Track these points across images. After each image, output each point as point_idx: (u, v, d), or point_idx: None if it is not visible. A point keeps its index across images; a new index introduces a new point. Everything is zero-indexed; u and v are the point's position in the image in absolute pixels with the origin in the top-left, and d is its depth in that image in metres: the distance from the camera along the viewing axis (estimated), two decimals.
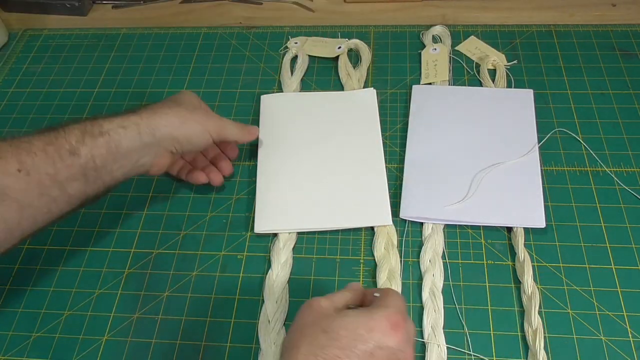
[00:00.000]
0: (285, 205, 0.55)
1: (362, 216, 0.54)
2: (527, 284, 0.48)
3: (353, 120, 0.61)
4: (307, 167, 0.58)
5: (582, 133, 0.59)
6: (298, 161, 0.58)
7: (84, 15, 0.79)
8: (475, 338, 0.46)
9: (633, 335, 0.45)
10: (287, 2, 0.77)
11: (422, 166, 0.57)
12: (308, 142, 0.60)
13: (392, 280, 0.49)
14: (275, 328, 0.47)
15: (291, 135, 0.60)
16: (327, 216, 0.54)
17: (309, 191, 0.56)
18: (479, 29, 0.71)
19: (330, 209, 0.54)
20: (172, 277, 0.52)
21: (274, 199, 0.55)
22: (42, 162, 0.42)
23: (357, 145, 0.59)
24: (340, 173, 0.57)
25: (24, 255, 0.55)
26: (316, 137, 0.60)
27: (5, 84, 0.71)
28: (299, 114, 0.62)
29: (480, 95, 0.62)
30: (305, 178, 0.57)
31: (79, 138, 0.44)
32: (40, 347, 0.48)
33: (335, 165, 0.58)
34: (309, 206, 0.55)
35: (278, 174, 0.57)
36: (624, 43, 0.67)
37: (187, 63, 0.71)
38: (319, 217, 0.54)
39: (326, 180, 0.56)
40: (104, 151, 0.44)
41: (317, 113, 0.62)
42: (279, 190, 0.56)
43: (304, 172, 0.57)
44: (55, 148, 0.43)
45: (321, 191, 0.56)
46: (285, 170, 0.58)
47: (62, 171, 0.42)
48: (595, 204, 0.54)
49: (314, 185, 0.56)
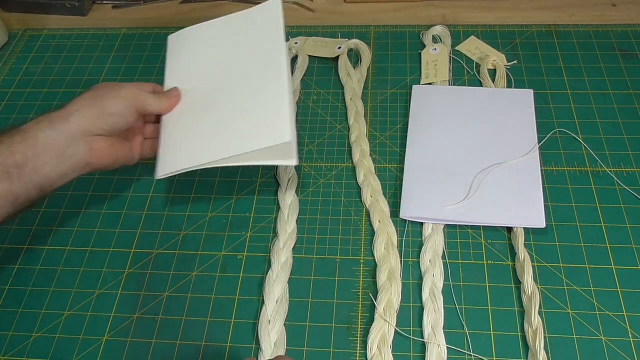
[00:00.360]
0: (186, 142, 0.51)
1: (258, 136, 0.49)
2: (527, 284, 0.48)
3: (257, 37, 0.56)
4: (210, 99, 0.54)
5: (582, 133, 0.59)
6: (201, 95, 0.54)
7: (84, 15, 0.79)
8: (475, 338, 0.46)
9: (633, 335, 0.46)
10: (287, 2, 0.77)
11: (422, 166, 0.57)
12: (210, 76, 0.56)
13: (392, 280, 0.49)
14: (275, 328, 0.47)
15: (195, 72, 0.57)
16: (225, 144, 0.50)
17: (210, 124, 0.52)
18: (479, 29, 0.71)
19: (228, 136, 0.50)
20: (172, 277, 0.52)
21: (177, 137, 0.52)
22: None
23: (260, 64, 0.54)
24: (240, 97, 0.53)
25: (24, 255, 0.55)
26: (219, 67, 0.56)
27: (5, 84, 0.71)
28: (202, 48, 0.58)
29: (480, 95, 0.62)
30: (207, 111, 0.53)
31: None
32: (40, 347, 0.48)
33: (236, 90, 0.53)
34: (211, 139, 0.51)
35: (181, 111, 0.54)
36: (624, 43, 0.67)
37: None
38: (218, 147, 0.50)
39: (229, 109, 0.52)
40: (22, 146, 0.44)
41: (222, 40, 0.58)
42: (182, 128, 0.53)
43: (206, 105, 0.53)
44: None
45: (222, 122, 0.51)
46: (188, 107, 0.54)
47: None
48: (595, 204, 0.54)
49: (215, 117, 0.52)
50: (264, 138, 0.48)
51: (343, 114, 0.64)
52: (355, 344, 0.47)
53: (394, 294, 0.49)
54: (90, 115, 0.47)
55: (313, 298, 0.50)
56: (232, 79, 0.54)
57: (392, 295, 0.49)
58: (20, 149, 0.44)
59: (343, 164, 0.59)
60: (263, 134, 0.48)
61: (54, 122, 0.46)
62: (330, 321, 0.48)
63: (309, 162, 0.59)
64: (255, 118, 0.50)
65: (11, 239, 0.56)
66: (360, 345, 0.47)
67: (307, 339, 0.47)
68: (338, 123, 0.63)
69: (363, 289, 0.50)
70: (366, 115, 0.63)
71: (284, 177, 0.58)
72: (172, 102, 0.54)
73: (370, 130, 0.62)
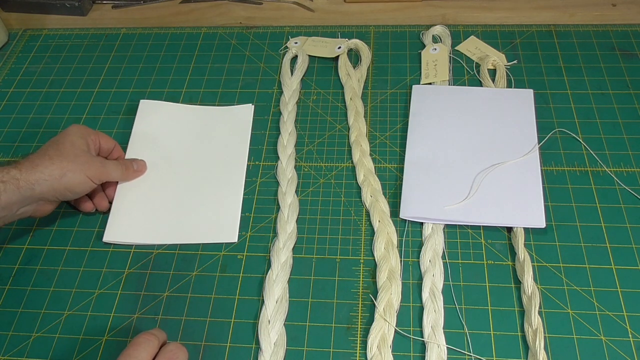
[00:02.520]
0: (140, 217, 0.55)
1: (209, 232, 0.54)
2: (527, 284, 0.48)
3: (225, 136, 0.61)
4: (169, 179, 0.58)
5: (582, 133, 0.59)
6: (161, 172, 0.58)
7: (84, 15, 0.79)
8: (475, 338, 0.46)
9: (633, 335, 0.46)
10: (287, 2, 0.77)
11: (422, 166, 0.57)
12: (174, 155, 0.60)
13: (392, 280, 0.49)
14: (275, 328, 0.47)
15: (159, 146, 0.60)
16: (176, 231, 0.54)
17: (165, 205, 0.56)
18: (479, 29, 0.71)
19: (180, 223, 0.55)
20: (172, 277, 0.52)
21: (129, 209, 0.56)
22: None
23: (223, 161, 0.59)
24: (198, 188, 0.57)
25: (24, 255, 0.55)
26: (184, 151, 0.60)
27: (5, 84, 0.71)
28: (173, 125, 0.62)
29: (480, 95, 0.62)
30: (165, 191, 0.57)
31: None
32: (40, 347, 0.48)
33: (197, 180, 0.57)
34: (162, 220, 0.55)
35: (140, 183, 0.57)
36: (624, 43, 0.67)
37: (187, 63, 0.71)
38: (168, 231, 0.54)
39: (183, 195, 0.56)
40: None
41: (192, 126, 0.62)
42: (136, 200, 0.56)
43: (164, 185, 0.57)
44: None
45: (177, 206, 0.56)
46: (147, 181, 0.57)
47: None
48: (595, 204, 0.54)
49: (171, 199, 0.56)
50: (213, 235, 0.54)
51: (343, 114, 0.64)
52: (355, 344, 0.47)
53: (394, 294, 0.49)
54: (55, 188, 0.49)
55: (313, 298, 0.50)
56: (194, 165, 0.59)
57: (392, 295, 0.49)
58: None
59: (343, 164, 0.59)
60: (213, 232, 0.54)
61: (21, 187, 0.47)
62: (330, 321, 0.48)
63: (309, 162, 0.60)
64: (209, 214, 0.55)
65: (11, 239, 0.56)
66: (360, 345, 0.47)
67: (307, 339, 0.47)
68: (338, 123, 0.63)
69: (363, 289, 0.50)
70: (366, 115, 0.63)
71: (284, 177, 0.58)
72: (136, 175, 0.58)
73: (370, 130, 0.62)
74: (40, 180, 0.48)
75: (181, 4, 0.79)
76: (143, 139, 0.61)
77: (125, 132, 0.63)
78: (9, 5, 0.80)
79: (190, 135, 0.62)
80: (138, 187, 0.57)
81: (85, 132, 0.53)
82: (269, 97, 0.66)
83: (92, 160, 0.51)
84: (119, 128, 0.64)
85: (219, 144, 0.61)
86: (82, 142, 0.52)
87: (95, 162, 0.52)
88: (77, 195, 0.51)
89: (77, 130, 0.53)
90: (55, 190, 0.49)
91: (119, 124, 0.65)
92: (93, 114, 0.66)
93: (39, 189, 0.48)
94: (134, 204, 0.56)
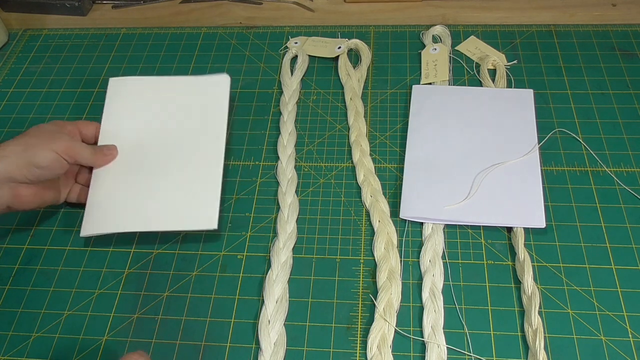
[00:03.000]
0: (117, 206, 0.52)
1: (187, 218, 0.51)
2: (527, 284, 0.48)
3: (200, 111, 0.57)
4: (145, 163, 0.54)
5: (582, 133, 0.59)
6: (135, 157, 0.55)
7: (84, 15, 0.79)
8: (475, 338, 0.46)
9: (633, 335, 0.46)
10: (287, 2, 0.77)
11: (422, 166, 0.57)
12: (148, 137, 0.56)
13: (392, 280, 0.49)
14: (275, 328, 0.47)
15: (132, 128, 0.56)
16: (153, 217, 0.51)
17: (142, 191, 0.52)
18: (479, 29, 0.71)
19: (157, 209, 0.52)
20: (172, 277, 0.52)
21: (105, 199, 0.52)
22: None
23: (199, 140, 0.55)
24: (175, 170, 0.53)
25: (24, 255, 0.55)
26: (158, 128, 0.56)
27: (5, 84, 0.71)
28: (145, 104, 0.58)
29: (480, 95, 0.62)
30: (141, 176, 0.53)
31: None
32: (40, 347, 0.48)
33: (174, 162, 0.54)
34: (139, 208, 0.52)
35: (115, 170, 0.54)
36: (624, 43, 0.67)
37: (187, 63, 0.71)
38: (146, 218, 0.51)
39: (159, 179, 0.53)
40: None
41: (165, 103, 0.58)
42: (111, 189, 0.53)
43: (140, 169, 0.54)
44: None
45: (154, 191, 0.52)
46: (122, 167, 0.54)
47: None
48: (595, 204, 0.54)
49: (148, 184, 0.53)
50: (192, 221, 0.51)
51: (343, 114, 0.64)
52: (355, 344, 0.47)
53: (394, 294, 0.49)
54: (19, 164, 0.47)
55: (313, 298, 0.50)
56: (169, 146, 0.55)
57: (392, 295, 0.49)
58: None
59: (343, 164, 0.59)
60: (192, 217, 0.51)
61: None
62: (330, 321, 0.48)
63: (309, 162, 0.60)
64: (187, 199, 0.52)
65: (11, 239, 0.56)
66: (360, 345, 0.47)
67: (307, 339, 0.47)
68: (338, 123, 0.63)
69: (363, 289, 0.50)
70: (366, 115, 0.63)
71: (284, 177, 0.58)
72: (106, 159, 0.55)
73: (370, 130, 0.62)
74: (1, 157, 0.46)
75: (181, 4, 0.79)
76: (115, 122, 0.57)
77: None
78: (9, 5, 0.80)
79: (164, 113, 0.57)
80: (113, 175, 0.54)
81: (60, 124, 0.52)
82: (269, 97, 0.66)
83: (60, 136, 0.49)
84: None
85: (194, 121, 0.56)
86: (53, 127, 0.50)
87: (63, 137, 0.50)
88: (47, 172, 0.49)
89: (50, 122, 0.52)
90: (20, 166, 0.47)
91: None
92: (93, 114, 0.66)
93: (1, 167, 0.46)
94: (110, 194, 0.52)
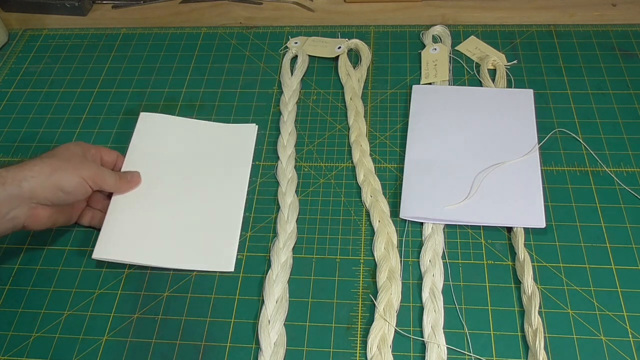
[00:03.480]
0: (133, 235, 0.52)
1: (204, 259, 0.52)
2: (527, 284, 0.48)
3: (227, 155, 0.59)
4: (166, 197, 0.55)
5: (582, 133, 0.59)
6: (157, 189, 0.56)
7: (84, 15, 0.79)
8: (475, 338, 0.46)
9: (633, 335, 0.46)
10: (287, 2, 0.77)
11: (422, 166, 0.57)
12: (172, 173, 0.57)
13: (392, 280, 0.49)
14: (275, 328, 0.47)
15: (157, 161, 0.58)
16: (169, 253, 0.52)
17: (160, 225, 0.53)
18: (479, 29, 0.71)
19: (174, 245, 0.52)
20: (172, 277, 0.52)
21: (122, 226, 0.53)
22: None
23: (222, 183, 0.57)
24: (196, 210, 0.54)
25: (24, 255, 0.55)
26: (182, 167, 0.58)
27: (5, 84, 0.71)
28: (173, 140, 0.60)
29: (480, 95, 0.62)
30: (160, 209, 0.54)
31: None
32: (40, 347, 0.48)
33: (195, 201, 0.55)
34: (155, 240, 0.52)
35: (135, 199, 0.55)
36: (624, 43, 0.67)
37: (187, 63, 0.71)
38: (161, 252, 0.52)
39: (180, 215, 0.54)
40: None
41: (192, 143, 0.60)
42: (130, 217, 0.53)
43: (160, 203, 0.55)
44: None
45: (172, 227, 0.53)
46: (142, 197, 0.55)
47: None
48: (595, 204, 0.54)
49: (166, 218, 0.54)
50: (210, 263, 0.52)
51: (343, 114, 0.64)
52: (355, 344, 0.47)
53: (394, 294, 0.49)
54: (44, 186, 0.47)
55: (313, 298, 0.50)
56: (192, 185, 0.56)
57: (392, 295, 0.49)
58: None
59: (343, 164, 0.59)
60: (209, 258, 0.52)
61: (7, 184, 0.45)
62: (330, 321, 0.48)
63: (309, 162, 0.59)
64: (205, 239, 0.53)
65: (11, 239, 0.56)
66: (360, 345, 0.47)
67: (307, 339, 0.47)
68: (338, 123, 0.63)
69: (363, 289, 0.50)
70: (366, 115, 0.63)
71: (284, 177, 0.58)
72: (130, 186, 0.55)
73: (370, 130, 0.62)
74: (28, 177, 0.46)
75: (181, 4, 0.79)
76: (141, 153, 0.58)
77: (124, 132, 0.63)
78: (9, 5, 0.80)
79: (190, 152, 0.59)
80: (132, 204, 0.54)
81: (85, 146, 0.52)
82: (269, 97, 0.66)
83: (87, 163, 0.50)
84: (118, 128, 0.64)
85: (220, 164, 0.58)
86: (79, 149, 0.50)
87: (91, 165, 0.50)
88: (70, 197, 0.49)
89: (75, 143, 0.52)
90: (45, 188, 0.46)
91: (119, 124, 0.65)
92: (93, 114, 0.66)
93: (27, 185, 0.45)
94: (127, 222, 0.53)
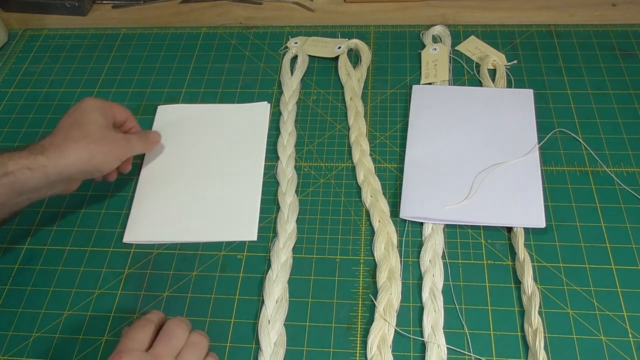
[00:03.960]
0: (160, 217, 0.56)
1: (229, 230, 0.54)
2: (527, 284, 0.48)
3: (242, 133, 0.62)
4: (188, 178, 0.58)
5: (582, 133, 0.59)
6: (179, 172, 0.59)
7: (84, 15, 0.79)
8: (475, 338, 0.46)
9: (633, 335, 0.46)
10: (287, 2, 0.77)
11: (422, 166, 0.57)
12: (192, 154, 0.61)
13: (392, 280, 0.49)
14: (275, 328, 0.47)
15: (178, 147, 0.61)
16: (196, 228, 0.55)
17: (185, 204, 0.56)
18: (479, 29, 0.71)
19: (199, 221, 0.55)
20: (172, 277, 0.52)
21: (149, 208, 0.56)
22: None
23: (240, 158, 0.60)
24: (218, 186, 0.58)
25: (24, 255, 0.55)
26: (202, 150, 0.61)
27: (5, 84, 0.71)
28: (191, 125, 0.63)
29: (480, 95, 0.62)
30: (184, 190, 0.57)
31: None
32: (40, 347, 0.48)
33: (216, 178, 0.58)
34: (182, 218, 0.55)
35: (159, 183, 0.58)
36: (624, 43, 0.67)
37: (187, 63, 0.71)
38: (188, 229, 0.55)
39: (203, 193, 0.57)
40: (8, 190, 0.45)
41: (209, 125, 0.63)
42: (156, 200, 0.57)
43: (183, 184, 0.58)
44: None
45: (196, 205, 0.56)
46: (166, 181, 0.58)
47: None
48: (595, 204, 0.54)
49: (190, 198, 0.57)
50: (234, 233, 0.54)
51: (343, 114, 0.64)
52: (355, 344, 0.47)
53: (394, 294, 0.49)
54: (84, 170, 0.49)
55: (313, 298, 0.50)
56: (212, 164, 0.60)
57: (392, 295, 0.49)
58: (5, 192, 0.45)
59: (343, 164, 0.59)
60: (233, 230, 0.54)
61: (49, 174, 0.46)
62: (330, 321, 0.48)
63: (309, 162, 0.60)
64: (229, 212, 0.56)
65: (11, 239, 0.56)
66: (360, 345, 0.47)
67: (307, 339, 0.47)
68: (338, 123, 0.63)
69: (363, 289, 0.50)
70: (366, 115, 0.63)
71: (284, 177, 0.58)
72: (154, 146, 0.59)
73: (370, 130, 0.62)
74: (69, 165, 0.47)
75: (181, 4, 0.79)
76: (162, 141, 0.61)
77: None
78: (9, 5, 0.80)
79: (208, 134, 0.62)
80: (157, 187, 0.58)
81: (102, 107, 0.52)
82: (269, 97, 0.66)
83: (117, 140, 0.51)
84: None
85: (237, 141, 0.61)
86: (102, 119, 0.51)
87: (121, 142, 0.52)
88: (104, 172, 0.52)
89: (93, 105, 0.51)
90: (85, 172, 0.49)
91: None
92: None
93: (67, 172, 0.48)
94: (154, 204, 0.56)
